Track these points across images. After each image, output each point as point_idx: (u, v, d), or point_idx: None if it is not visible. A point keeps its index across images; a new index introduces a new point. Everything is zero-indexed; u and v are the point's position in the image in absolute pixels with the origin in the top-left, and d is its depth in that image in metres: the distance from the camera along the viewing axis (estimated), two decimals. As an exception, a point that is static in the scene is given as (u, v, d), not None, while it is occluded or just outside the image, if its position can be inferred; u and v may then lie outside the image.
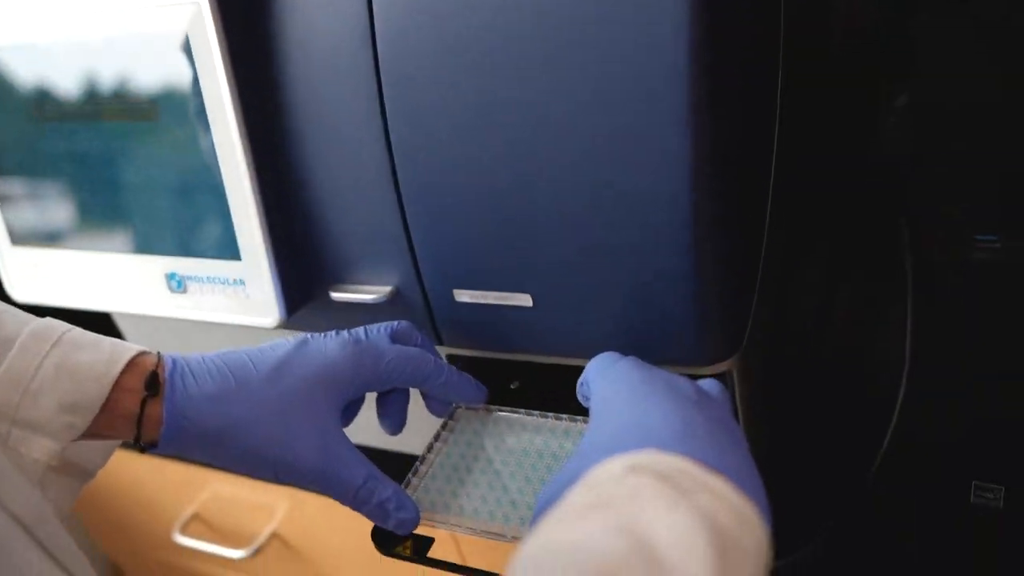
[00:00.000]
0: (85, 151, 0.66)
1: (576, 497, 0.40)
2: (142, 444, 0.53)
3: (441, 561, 0.56)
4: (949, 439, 0.60)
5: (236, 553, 1.03)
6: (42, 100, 0.65)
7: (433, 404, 0.62)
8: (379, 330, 0.58)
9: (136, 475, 1.12)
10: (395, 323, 0.59)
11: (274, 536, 1.04)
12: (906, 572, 0.61)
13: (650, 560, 0.34)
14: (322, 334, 0.57)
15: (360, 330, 0.58)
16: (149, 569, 1.29)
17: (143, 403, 0.51)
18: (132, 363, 0.52)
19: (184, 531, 1.07)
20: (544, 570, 0.34)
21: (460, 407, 0.64)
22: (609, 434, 0.44)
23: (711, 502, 0.38)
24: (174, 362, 0.53)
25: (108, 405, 0.51)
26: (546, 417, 0.62)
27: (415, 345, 0.60)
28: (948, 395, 0.59)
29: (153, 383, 0.52)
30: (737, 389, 0.60)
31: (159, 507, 1.14)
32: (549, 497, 0.44)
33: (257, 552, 1.02)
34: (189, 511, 1.09)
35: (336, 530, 0.97)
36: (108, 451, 0.59)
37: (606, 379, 0.49)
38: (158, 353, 0.54)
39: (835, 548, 0.61)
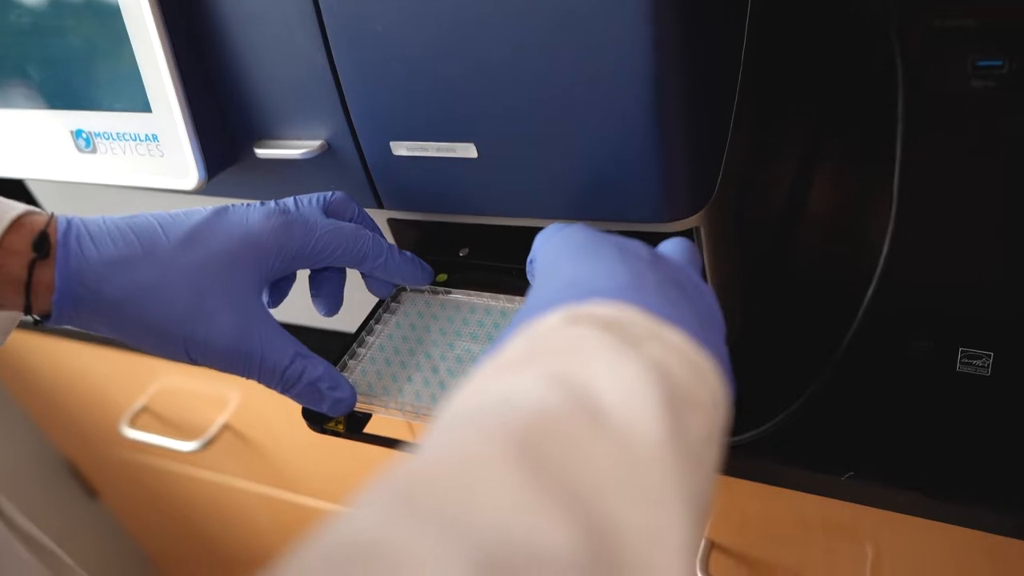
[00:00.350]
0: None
1: (510, 350, 0.34)
2: (35, 316, 0.47)
3: (376, 436, 0.51)
4: (935, 302, 0.54)
5: (187, 445, 0.99)
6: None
7: (374, 284, 0.56)
8: (311, 201, 0.52)
9: (85, 368, 1.07)
10: (329, 193, 0.53)
11: (226, 428, 1.00)
12: (886, 445, 0.57)
13: (591, 412, 0.29)
14: (245, 203, 0.50)
15: (289, 200, 0.52)
16: (102, 464, 1.25)
17: (31, 267, 0.45)
18: (18, 222, 0.46)
19: (133, 424, 1.03)
20: (470, 423, 0.29)
21: (404, 288, 0.59)
22: (548, 291, 0.38)
23: (662, 352, 0.33)
24: (69, 222, 0.47)
25: None
26: (497, 299, 0.56)
27: (351, 219, 0.54)
28: (936, 253, 0.54)
29: (42, 244, 0.46)
30: (705, 248, 0.54)
31: (108, 401, 1.10)
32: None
33: (208, 444, 0.98)
34: (138, 404, 1.04)
35: (289, 421, 0.92)
36: (6, 327, 0.53)
37: (550, 245, 0.43)
38: (52, 213, 0.48)
39: (809, 420, 0.56)
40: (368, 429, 0.53)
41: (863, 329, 0.50)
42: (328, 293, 0.56)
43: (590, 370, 0.31)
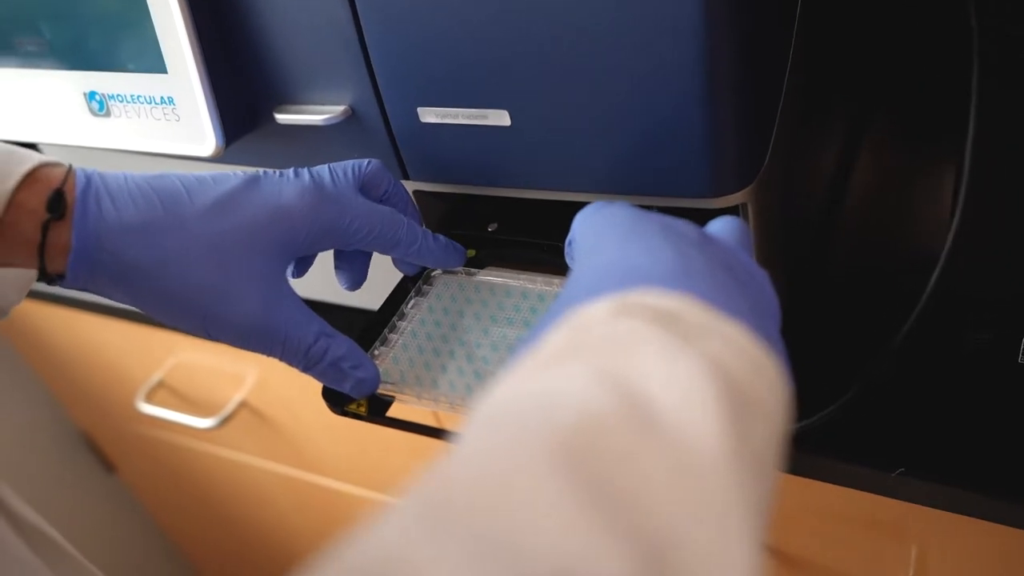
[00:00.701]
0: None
1: (552, 342, 0.31)
2: (50, 276, 0.44)
3: (398, 420, 0.49)
4: (1000, 289, 0.51)
5: (203, 422, 0.97)
6: None
7: (401, 263, 0.54)
8: (347, 174, 0.49)
9: (102, 341, 1.05)
10: (364, 163, 0.50)
11: (243, 405, 0.97)
12: (942, 439, 0.53)
13: (643, 414, 0.26)
14: (277, 172, 0.47)
15: (325, 171, 0.49)
16: (119, 438, 1.24)
17: (45, 227, 0.43)
18: (32, 177, 0.43)
19: (149, 399, 1.01)
20: (508, 424, 0.26)
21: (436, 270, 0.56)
22: (592, 276, 0.35)
23: (720, 349, 0.29)
24: (88, 179, 0.44)
25: (2, 228, 0.42)
26: (534, 281, 0.53)
27: (385, 190, 0.51)
28: (998, 235, 0.50)
29: (58, 203, 0.43)
30: (752, 227, 0.50)
31: (124, 374, 1.08)
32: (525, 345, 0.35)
33: (225, 421, 0.96)
34: (154, 379, 1.02)
35: (308, 399, 0.90)
36: (22, 286, 0.51)
37: (590, 225, 0.39)
38: (69, 166, 0.45)
39: (857, 412, 0.53)
40: (390, 412, 0.50)
41: (925, 316, 0.46)
42: (352, 267, 0.53)
43: (642, 368, 0.27)
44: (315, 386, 0.49)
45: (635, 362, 0.28)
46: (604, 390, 0.26)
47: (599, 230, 0.38)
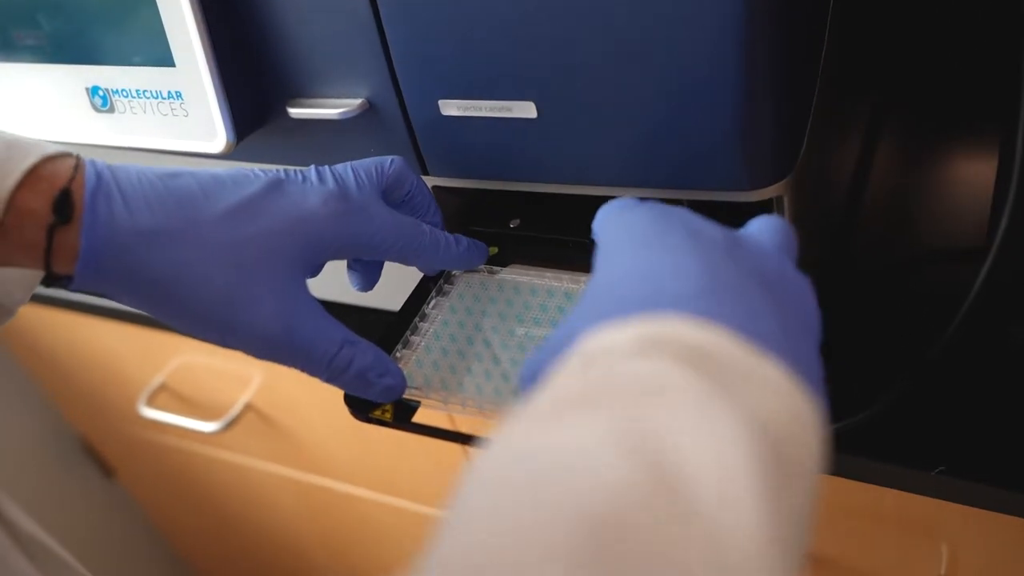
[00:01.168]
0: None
1: (564, 380, 0.28)
2: (56, 277, 0.42)
3: (426, 426, 0.47)
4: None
5: (207, 426, 0.94)
6: None
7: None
8: (371, 177, 0.47)
9: (101, 343, 1.03)
10: (387, 163, 0.48)
11: (248, 408, 0.95)
12: (986, 445, 0.52)
13: (668, 490, 0.23)
14: (299, 174, 0.45)
15: (348, 174, 0.47)
16: (119, 442, 1.21)
17: (51, 230, 0.40)
18: (35, 174, 0.40)
19: (151, 403, 0.99)
20: (510, 489, 0.23)
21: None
22: (608, 289, 0.32)
23: (759, 398, 0.26)
24: (98, 177, 0.41)
25: (2, 231, 0.39)
26: (560, 279, 0.51)
27: (408, 191, 0.49)
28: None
29: (64, 206, 0.40)
30: (788, 221, 0.49)
31: (124, 377, 1.06)
32: (532, 368, 0.32)
33: (230, 425, 0.94)
34: (156, 382, 1.00)
35: (316, 401, 0.88)
36: (28, 284, 0.49)
37: (612, 227, 0.36)
38: (76, 157, 0.42)
39: (900, 414, 0.51)
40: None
41: (971, 310, 0.44)
42: (366, 269, 0.52)
43: (666, 427, 0.24)
44: (322, 387, 0.47)
45: (658, 415, 0.25)
46: (630, 461, 0.23)
47: (618, 233, 0.35)
